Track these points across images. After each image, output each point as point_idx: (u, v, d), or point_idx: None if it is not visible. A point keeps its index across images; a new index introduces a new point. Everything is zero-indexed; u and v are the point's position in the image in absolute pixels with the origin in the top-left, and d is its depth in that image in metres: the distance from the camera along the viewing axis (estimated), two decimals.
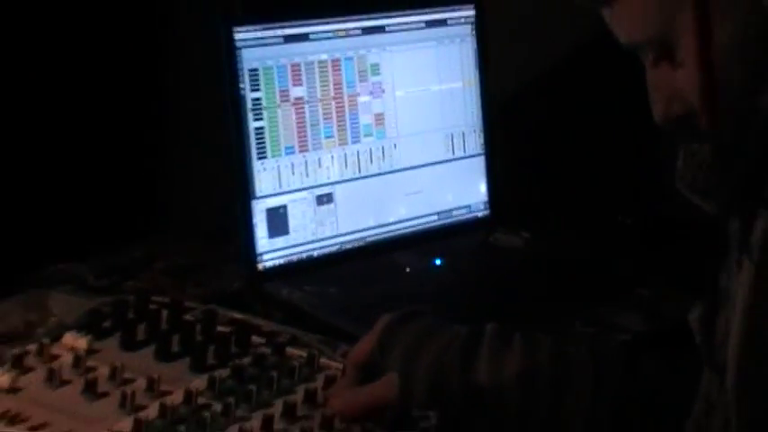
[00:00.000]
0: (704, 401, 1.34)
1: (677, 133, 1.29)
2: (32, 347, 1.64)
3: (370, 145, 2.15)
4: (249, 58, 1.99)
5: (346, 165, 2.12)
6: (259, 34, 2.01)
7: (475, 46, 2.28)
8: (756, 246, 1.18)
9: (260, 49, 2.01)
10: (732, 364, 1.22)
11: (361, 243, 2.15)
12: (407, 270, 2.12)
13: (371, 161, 2.15)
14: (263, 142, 2.01)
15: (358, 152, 2.14)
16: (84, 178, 2.40)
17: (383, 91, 2.16)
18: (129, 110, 2.56)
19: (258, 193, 2.01)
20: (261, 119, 2.01)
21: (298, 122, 2.05)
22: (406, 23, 2.20)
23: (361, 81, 2.13)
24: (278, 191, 2.04)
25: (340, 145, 2.11)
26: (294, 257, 2.06)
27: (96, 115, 2.48)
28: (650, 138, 1.95)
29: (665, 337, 1.78)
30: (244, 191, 1.99)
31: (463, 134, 2.27)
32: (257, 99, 2.00)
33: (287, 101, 2.04)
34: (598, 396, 1.50)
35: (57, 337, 1.67)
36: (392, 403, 1.53)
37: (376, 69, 2.15)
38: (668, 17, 1.23)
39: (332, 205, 2.10)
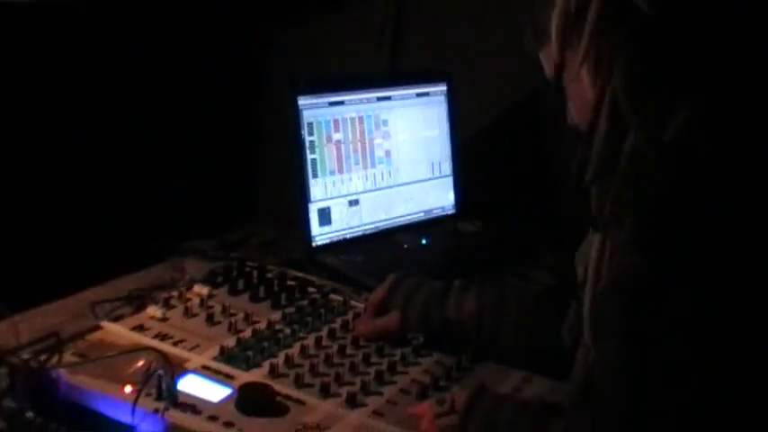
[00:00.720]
0: (575, 318, 1.39)
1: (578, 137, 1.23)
2: (175, 293, 1.69)
3: (382, 169, 2.18)
4: (307, 116, 2.02)
5: (367, 181, 2.15)
6: (313, 101, 2.04)
7: (447, 108, 2.31)
8: (608, 210, 1.16)
9: (314, 110, 2.04)
10: (588, 294, 1.22)
11: (375, 229, 2.17)
12: (405, 246, 2.14)
13: (382, 179, 2.18)
14: (316, 167, 2.04)
15: (374, 174, 2.17)
16: (209, 187, 2.45)
17: (390, 136, 2.20)
18: (241, 145, 2.65)
19: (312, 199, 2.03)
20: (314, 153, 2.04)
21: (336, 155, 2.08)
22: (404, 94, 2.24)
23: (376, 129, 2.16)
24: (324, 197, 2.06)
25: (363, 169, 2.14)
26: (335, 238, 2.08)
27: (220, 148, 2.52)
28: (558, 164, 2.02)
29: (562, 288, 1.82)
30: (304, 197, 2.02)
31: (440, 163, 2.30)
32: (312, 141, 2.03)
33: (330, 142, 2.07)
34: (521, 323, 1.54)
35: (189, 287, 1.72)
36: (395, 329, 1.59)
37: (386, 122, 2.19)
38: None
39: (358, 206, 2.13)
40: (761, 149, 1.06)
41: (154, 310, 1.59)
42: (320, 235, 2.06)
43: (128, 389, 1.31)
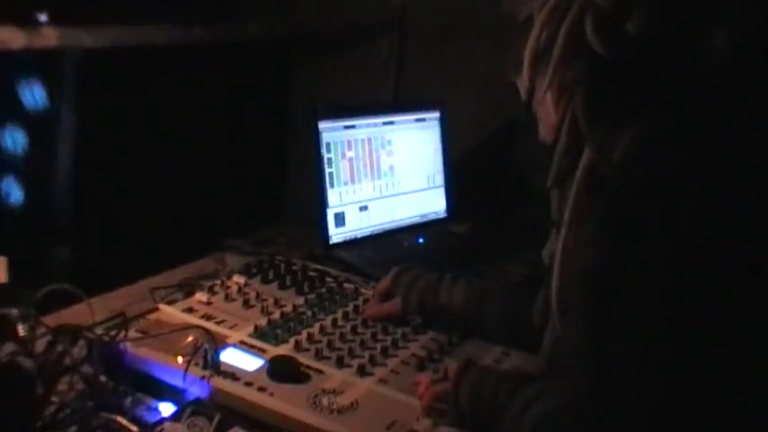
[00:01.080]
0: (543, 304, 1.36)
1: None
2: (218, 282, 1.68)
3: (387, 180, 2.18)
4: (326, 137, 2.03)
5: (374, 190, 2.15)
6: (331, 125, 2.04)
7: (440, 130, 2.31)
8: (569, 213, 1.15)
9: (331, 133, 2.04)
10: (554, 283, 1.20)
11: (381, 230, 2.16)
12: (405, 244, 2.14)
13: (387, 188, 2.18)
14: (333, 179, 2.04)
15: (380, 184, 2.17)
16: (247, 195, 2.45)
17: (393, 153, 2.20)
18: (273, 161, 2.66)
19: (330, 205, 2.04)
20: (331, 167, 2.04)
21: (349, 169, 2.08)
22: (405, 119, 2.24)
23: (382, 148, 2.17)
24: (339, 204, 2.06)
25: (371, 180, 2.14)
26: (348, 237, 2.08)
27: (256, 164, 2.55)
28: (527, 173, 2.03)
29: (534, 279, 1.81)
30: (323, 203, 2.02)
31: (434, 175, 2.30)
32: (329, 157, 2.03)
33: (344, 158, 2.07)
34: (502, 308, 1.53)
35: (229, 277, 1.71)
36: (398, 312, 1.58)
37: (390, 142, 2.19)
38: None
39: (367, 211, 2.13)
40: (691, 167, 1.06)
41: (201, 296, 1.60)
42: (336, 234, 2.05)
43: (180, 359, 1.32)
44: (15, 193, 1.86)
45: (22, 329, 1.20)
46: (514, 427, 1.16)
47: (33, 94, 1.80)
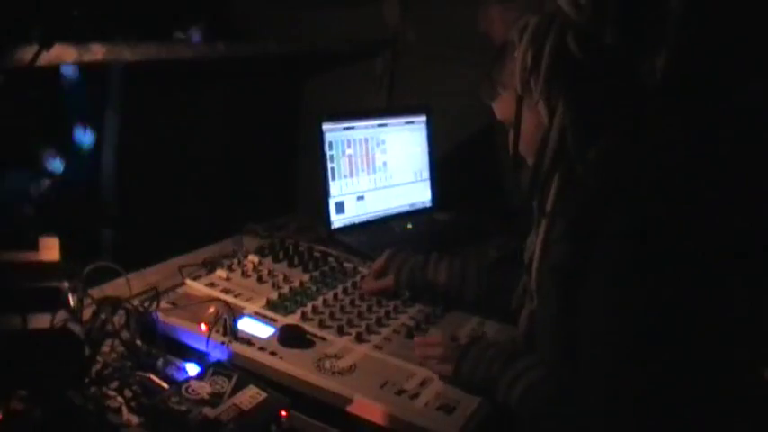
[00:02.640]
0: (522, 289, 1.37)
1: (521, 162, 1.23)
2: (235, 261, 1.67)
3: (381, 174, 2.15)
4: (329, 137, 2.01)
5: (370, 183, 2.12)
6: (333, 126, 2.01)
7: (426, 132, 2.27)
8: (548, 212, 1.17)
9: (333, 133, 2.02)
10: (534, 271, 1.23)
11: (376, 217, 2.13)
12: (396, 230, 2.11)
13: (381, 181, 2.15)
14: (334, 173, 2.02)
15: (375, 178, 2.13)
16: (262, 187, 2.44)
17: (386, 151, 2.16)
18: (285, 158, 2.61)
19: (332, 195, 2.01)
20: (333, 163, 2.01)
21: (349, 165, 2.05)
22: (396, 122, 2.20)
23: (376, 147, 2.14)
24: (340, 194, 2.03)
25: (367, 174, 2.11)
26: (347, 223, 2.05)
27: (271, 160, 2.53)
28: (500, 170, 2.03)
29: (506, 259, 1.81)
30: (326, 193, 2.00)
31: (421, 170, 2.26)
32: (332, 154, 2.01)
33: (344, 155, 2.04)
34: (479, 284, 1.52)
35: (246, 257, 1.70)
36: (390, 288, 1.58)
37: (383, 142, 2.16)
38: (512, 113, 1.20)
39: (364, 200, 2.09)
40: (642, 178, 1.08)
41: (221, 272, 1.59)
42: (337, 220, 2.03)
43: (203, 327, 1.33)
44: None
45: (72, 300, 1.21)
46: (507, 394, 1.18)
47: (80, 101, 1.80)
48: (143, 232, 1.95)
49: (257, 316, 1.42)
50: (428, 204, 2.30)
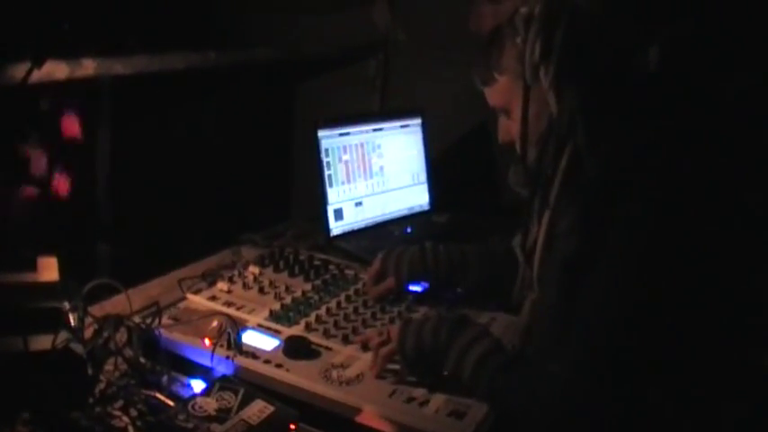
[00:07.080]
0: (521, 279, 1.39)
1: (510, 152, 1.25)
2: (235, 272, 1.67)
3: (378, 179, 2.15)
4: (325, 143, 2.00)
5: (367, 188, 2.12)
6: (328, 133, 2.01)
7: (422, 135, 2.27)
8: (552, 203, 1.19)
9: (329, 139, 2.01)
10: (536, 263, 1.24)
11: (374, 222, 2.13)
12: (395, 234, 2.11)
13: (378, 186, 2.15)
14: (331, 179, 2.01)
15: (372, 183, 2.13)
16: (259, 196, 2.43)
17: (383, 156, 2.16)
18: (281, 165, 2.64)
19: (330, 202, 2.00)
20: (330, 169, 2.01)
21: (346, 171, 2.05)
22: (392, 126, 2.20)
23: (372, 151, 2.13)
24: (338, 200, 2.03)
25: (364, 180, 2.11)
26: (346, 229, 2.04)
27: (268, 168, 2.54)
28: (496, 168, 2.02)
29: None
30: (324, 200, 1.99)
31: (418, 173, 2.26)
32: (328, 161, 2.00)
33: (341, 161, 2.04)
34: (483, 267, 1.55)
35: (245, 267, 1.69)
36: (393, 288, 1.58)
37: (379, 146, 2.16)
38: (508, 99, 1.22)
39: (362, 206, 2.09)
40: (648, 172, 1.10)
41: (222, 285, 1.58)
42: (336, 227, 2.03)
43: (207, 342, 1.32)
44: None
45: (72, 319, 1.20)
46: (458, 362, 1.18)
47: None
48: (139, 246, 1.93)
49: (261, 328, 1.41)
50: (426, 207, 2.30)
